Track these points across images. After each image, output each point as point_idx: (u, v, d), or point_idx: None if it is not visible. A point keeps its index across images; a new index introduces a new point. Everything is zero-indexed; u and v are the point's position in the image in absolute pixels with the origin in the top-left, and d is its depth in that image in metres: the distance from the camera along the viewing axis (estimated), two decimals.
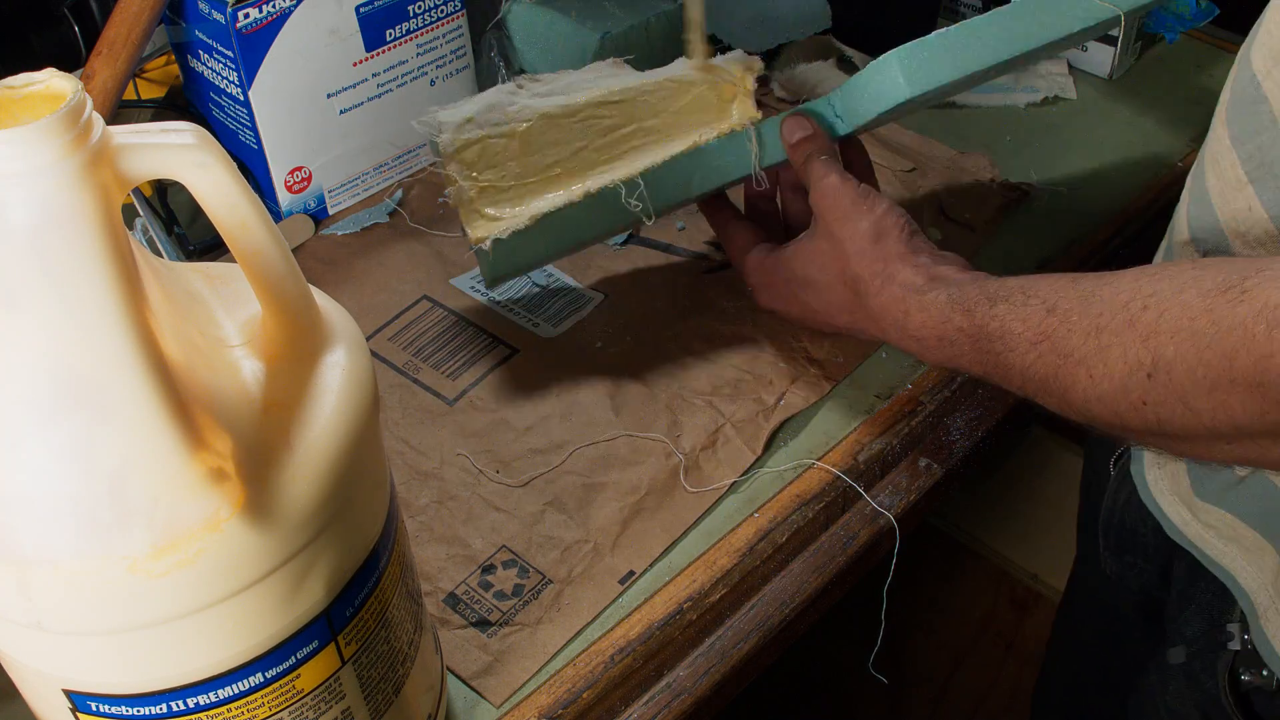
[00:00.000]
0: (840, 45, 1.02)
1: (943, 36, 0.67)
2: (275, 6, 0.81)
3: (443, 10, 0.90)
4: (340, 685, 0.48)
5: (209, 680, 0.44)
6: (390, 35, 0.88)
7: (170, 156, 0.40)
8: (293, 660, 0.46)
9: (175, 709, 0.44)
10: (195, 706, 0.45)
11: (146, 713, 0.44)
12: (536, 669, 0.63)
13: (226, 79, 0.84)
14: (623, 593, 0.66)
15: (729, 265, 0.85)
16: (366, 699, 0.50)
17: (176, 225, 0.85)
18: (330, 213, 0.91)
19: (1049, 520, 1.53)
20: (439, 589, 0.66)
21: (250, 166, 0.87)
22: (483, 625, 0.64)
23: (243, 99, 0.84)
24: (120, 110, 0.89)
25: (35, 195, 0.37)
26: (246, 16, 0.80)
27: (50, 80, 0.39)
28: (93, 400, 0.38)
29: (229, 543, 0.41)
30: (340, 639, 0.47)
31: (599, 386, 0.77)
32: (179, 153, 0.40)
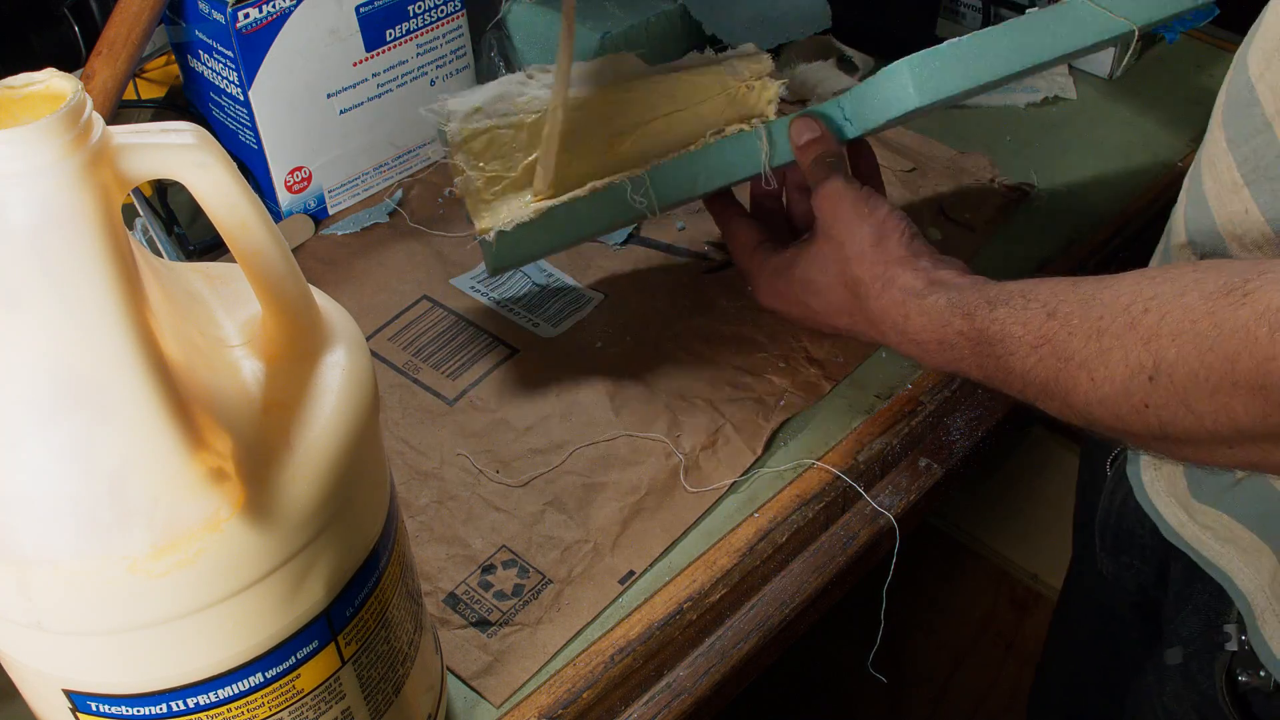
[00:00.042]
0: (840, 45, 1.03)
1: (955, 46, 0.67)
2: (275, 6, 0.81)
3: (443, 10, 0.90)
4: (340, 685, 0.48)
5: (209, 680, 0.44)
6: (390, 35, 0.88)
7: (170, 156, 0.40)
8: (293, 660, 0.46)
9: (175, 709, 0.44)
10: (195, 706, 0.45)
11: (146, 713, 0.44)
12: (536, 669, 0.63)
13: (226, 79, 0.84)
14: (623, 593, 0.66)
15: (729, 265, 0.85)
16: (366, 699, 0.50)
17: (176, 225, 0.85)
18: (330, 213, 0.91)
19: (1049, 520, 1.53)
20: (439, 589, 0.66)
21: (250, 166, 0.87)
22: (483, 625, 0.64)
23: (243, 99, 0.84)
24: (120, 110, 0.89)
25: (35, 195, 0.37)
26: (246, 16, 0.80)
27: (50, 80, 0.39)
28: (93, 400, 0.38)
29: (229, 543, 0.41)
30: (340, 639, 0.47)
31: (599, 386, 0.77)
32: (179, 153, 0.40)
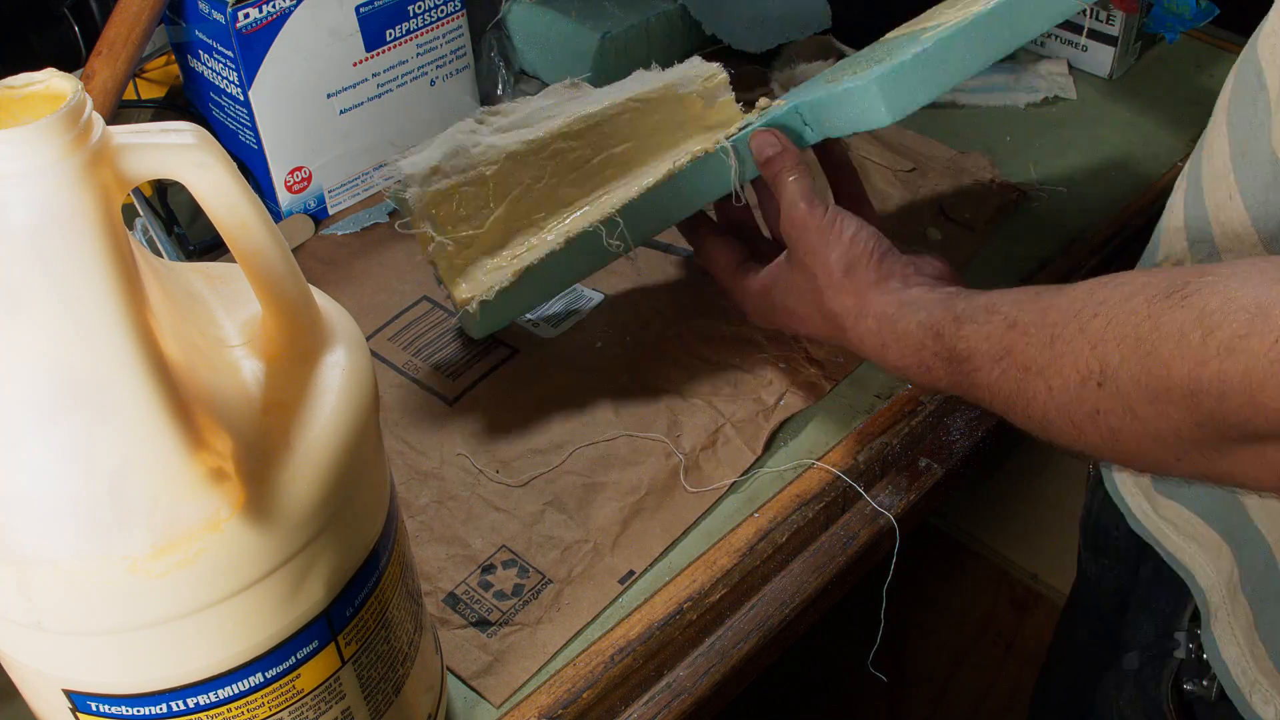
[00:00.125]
0: (840, 45, 1.03)
1: (920, 58, 0.66)
2: (275, 6, 0.81)
3: (443, 10, 0.90)
4: (340, 685, 0.48)
5: (209, 680, 0.44)
6: (390, 35, 0.88)
7: (170, 156, 0.40)
8: (293, 660, 0.46)
9: (175, 709, 0.44)
10: (195, 706, 0.45)
11: (146, 713, 0.44)
12: (536, 669, 0.63)
13: (226, 79, 0.84)
14: (623, 593, 0.66)
15: None
16: (366, 699, 0.50)
17: (176, 225, 0.85)
18: (330, 213, 0.91)
19: (1049, 520, 1.53)
20: (439, 589, 0.66)
21: (250, 166, 0.87)
22: (483, 625, 0.64)
23: (243, 99, 0.84)
24: (120, 110, 0.89)
25: (35, 195, 0.37)
26: (246, 16, 0.80)
27: (50, 80, 0.39)
28: (93, 400, 0.38)
29: (229, 543, 0.41)
30: (340, 639, 0.47)
31: (599, 386, 0.76)
32: (179, 153, 0.40)
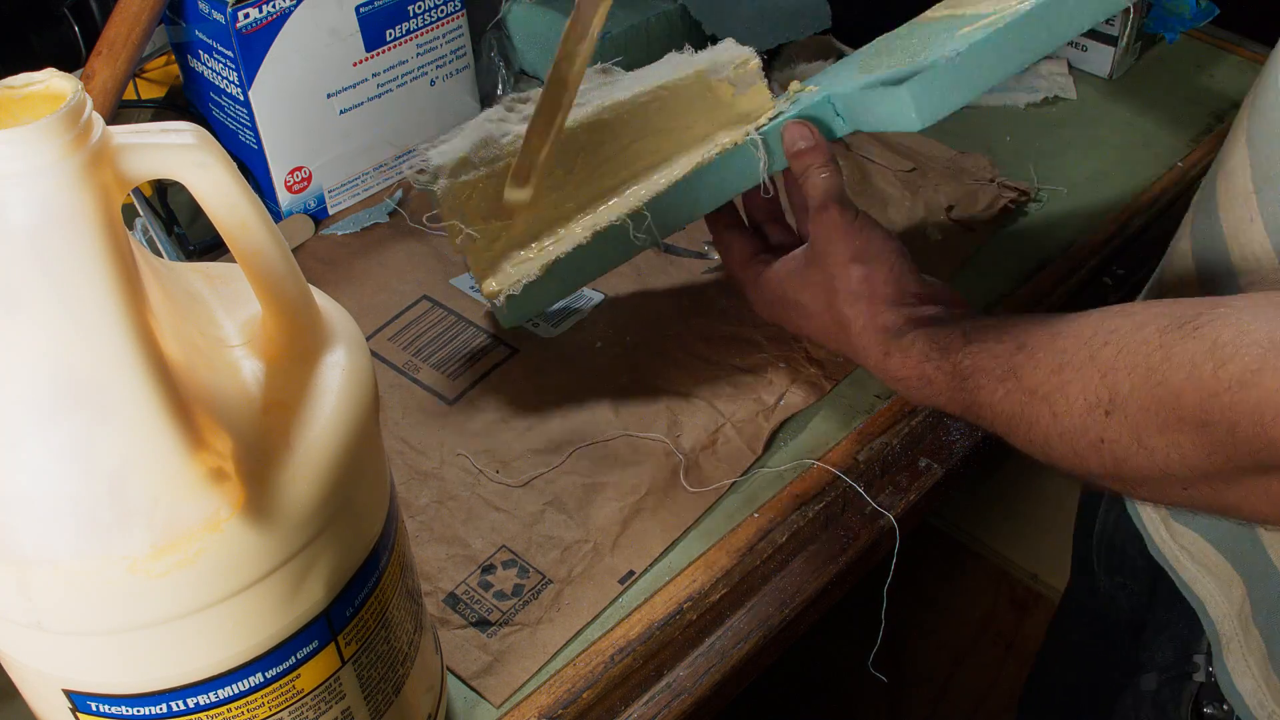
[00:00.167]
0: (840, 45, 1.02)
1: (953, 64, 0.65)
2: (275, 6, 0.81)
3: (443, 10, 0.90)
4: (340, 685, 0.48)
5: (209, 680, 0.44)
6: (390, 35, 0.88)
7: (170, 156, 0.40)
8: (293, 660, 0.46)
9: (175, 709, 0.44)
10: (195, 706, 0.45)
11: (146, 713, 0.44)
12: (536, 669, 0.63)
13: (226, 79, 0.84)
14: (623, 593, 0.66)
15: None
16: (366, 699, 0.50)
17: (176, 225, 0.85)
18: (330, 213, 0.91)
19: (1049, 520, 1.53)
20: (439, 589, 0.66)
21: (250, 166, 0.87)
22: (483, 625, 0.64)
23: (243, 99, 0.84)
24: (120, 110, 0.89)
25: (35, 195, 0.37)
26: (246, 16, 0.80)
27: (50, 80, 0.39)
28: (93, 400, 0.38)
29: (229, 543, 0.41)
30: (340, 639, 0.47)
31: (599, 386, 0.76)
32: (179, 153, 0.40)
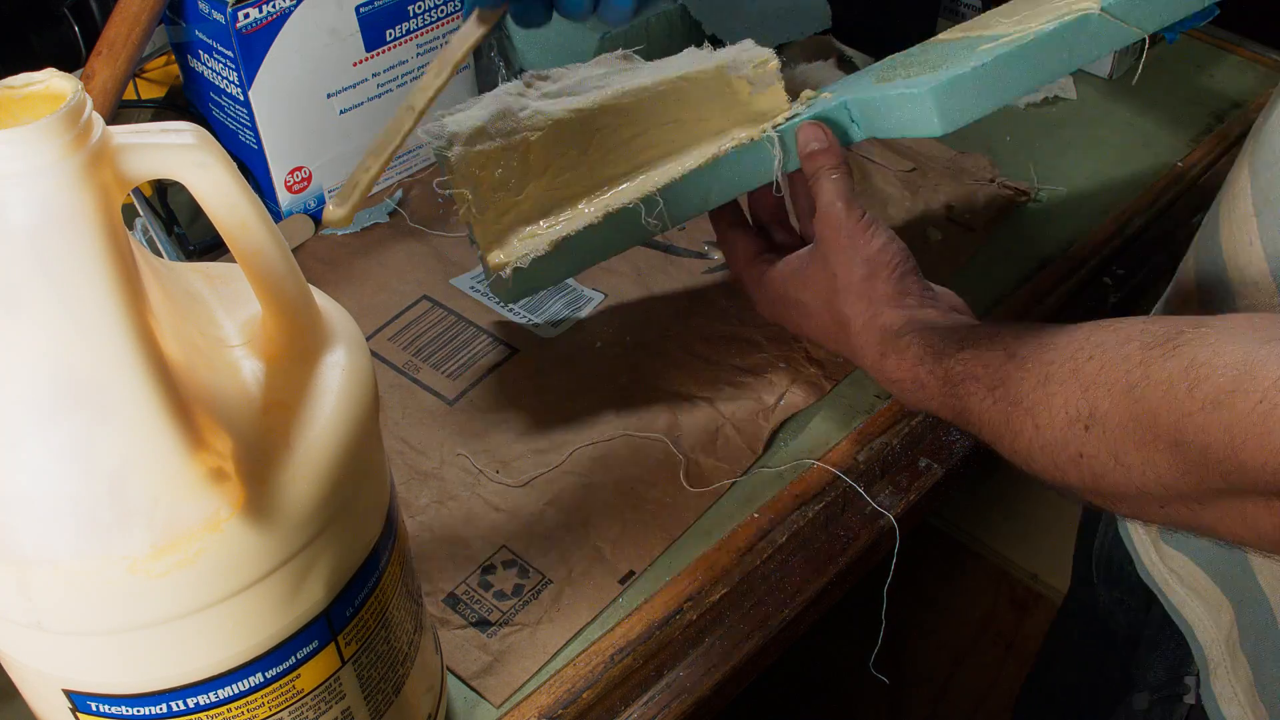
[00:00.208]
0: (840, 45, 1.03)
1: (978, 73, 0.65)
2: (275, 6, 0.81)
3: (443, 10, 0.90)
4: (340, 685, 0.48)
5: (209, 680, 0.44)
6: (390, 35, 0.88)
7: (170, 156, 0.40)
8: (293, 660, 0.46)
9: (175, 709, 0.44)
10: (195, 706, 0.45)
11: (146, 713, 0.44)
12: (536, 669, 0.63)
13: (226, 79, 0.84)
14: (623, 593, 0.66)
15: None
16: (366, 699, 0.50)
17: (176, 225, 0.85)
18: None
19: (1049, 520, 1.53)
20: (439, 589, 0.66)
21: (250, 166, 0.87)
22: (483, 625, 0.64)
23: (243, 99, 0.84)
24: (120, 110, 0.89)
25: (35, 195, 0.37)
26: (246, 16, 0.80)
27: (50, 80, 0.39)
28: (93, 400, 0.38)
29: (229, 543, 0.41)
30: (340, 639, 0.47)
31: (599, 386, 0.76)
32: (179, 153, 0.40)
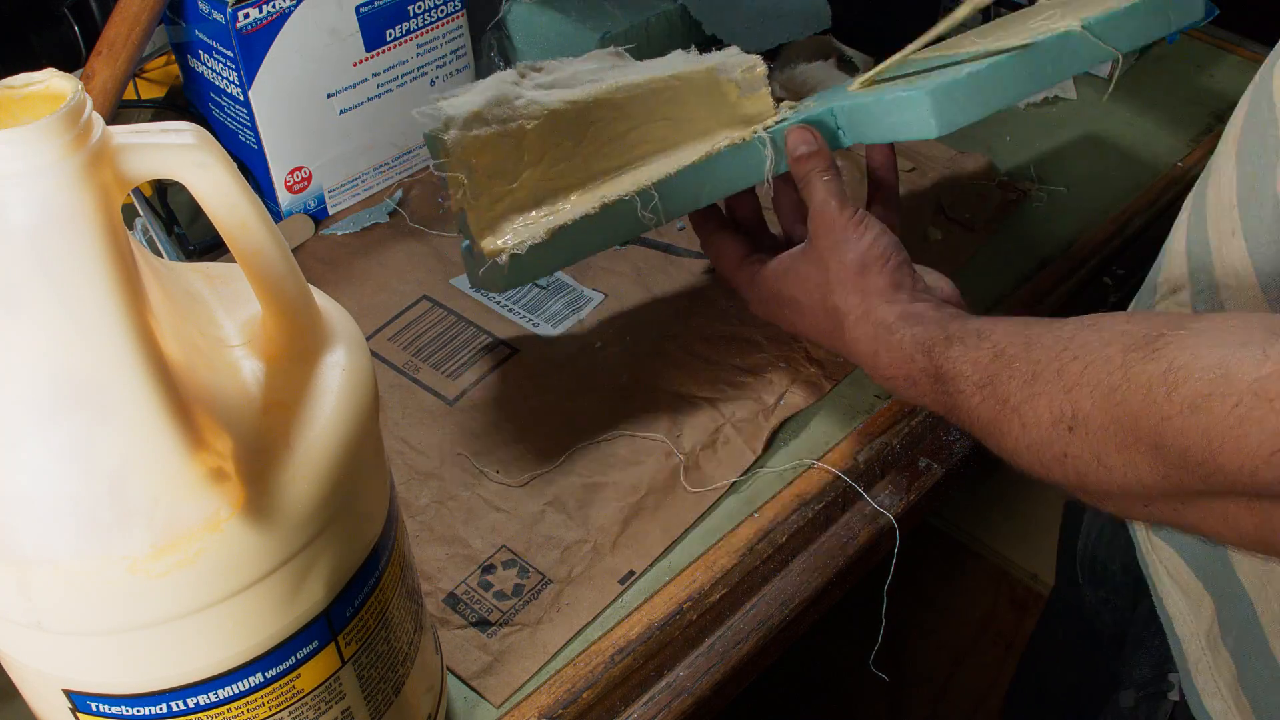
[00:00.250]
0: (840, 45, 1.03)
1: (973, 78, 0.67)
2: (275, 6, 0.81)
3: (443, 10, 0.90)
4: (340, 685, 0.48)
5: (209, 680, 0.44)
6: (390, 35, 0.88)
7: (170, 156, 0.40)
8: (293, 660, 0.46)
9: (175, 709, 0.44)
10: (195, 706, 0.45)
11: (146, 713, 0.44)
12: (536, 669, 0.63)
13: (226, 79, 0.84)
14: (623, 593, 0.66)
15: None
16: (366, 699, 0.50)
17: (176, 225, 0.85)
18: (330, 213, 0.91)
19: (1049, 520, 1.52)
20: (439, 589, 0.66)
21: (250, 166, 0.87)
22: (483, 625, 0.64)
23: (243, 99, 0.84)
24: (120, 110, 0.89)
25: (35, 195, 0.37)
26: (246, 16, 0.80)
27: (50, 80, 0.39)
28: (93, 400, 0.38)
29: (229, 543, 0.41)
30: (340, 639, 0.47)
31: (599, 386, 0.76)
32: (179, 153, 0.40)
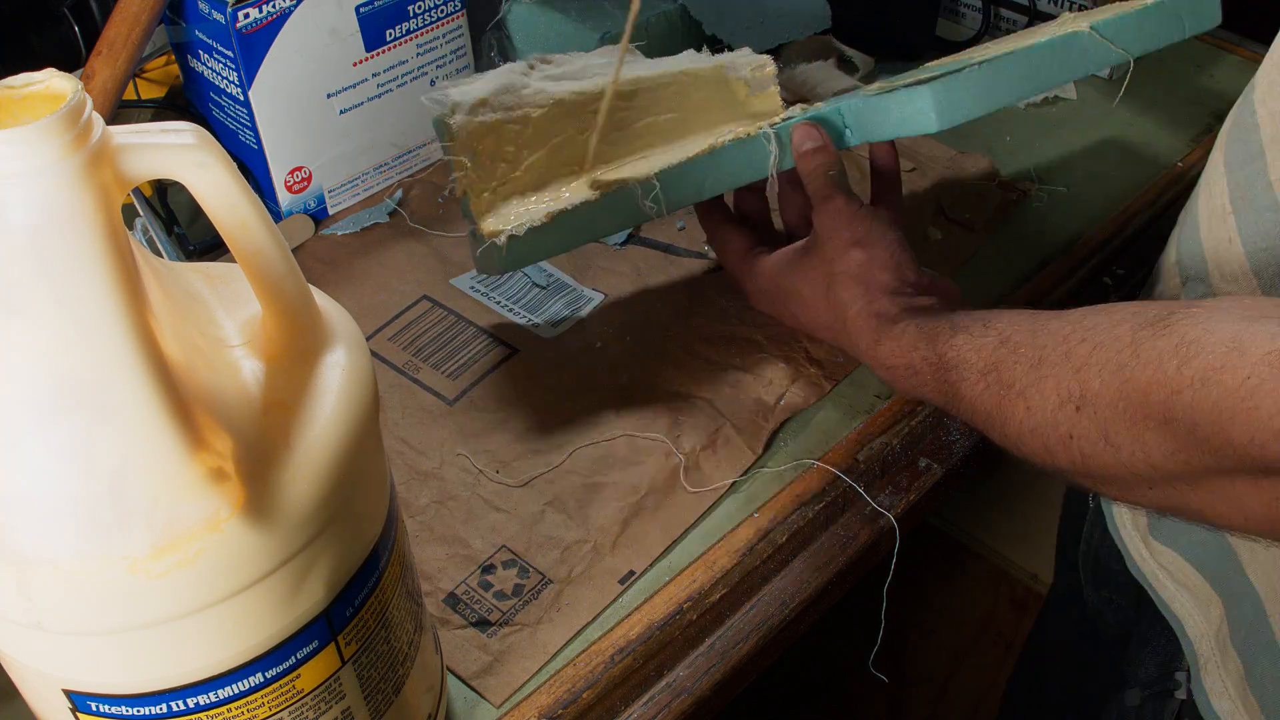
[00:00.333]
0: (840, 45, 1.03)
1: (974, 74, 0.68)
2: (275, 6, 0.81)
3: (443, 10, 0.90)
4: (340, 685, 0.48)
5: (209, 680, 0.44)
6: (390, 35, 0.88)
7: (170, 156, 0.40)
8: (293, 660, 0.46)
9: (175, 709, 0.44)
10: (195, 706, 0.45)
11: (146, 713, 0.44)
12: (536, 669, 0.63)
13: (226, 79, 0.84)
14: (623, 593, 0.66)
15: None
16: (366, 699, 0.50)
17: (176, 225, 0.85)
18: (330, 213, 0.91)
19: (1049, 520, 1.52)
20: (439, 589, 0.66)
21: (250, 166, 0.87)
22: (483, 625, 0.64)
23: (243, 99, 0.84)
24: (120, 110, 0.89)
25: (35, 195, 0.37)
26: (246, 16, 0.80)
27: (50, 80, 0.39)
28: (93, 401, 0.38)
29: (229, 543, 0.41)
30: (340, 639, 0.47)
31: (599, 386, 0.76)
32: (179, 153, 0.40)
